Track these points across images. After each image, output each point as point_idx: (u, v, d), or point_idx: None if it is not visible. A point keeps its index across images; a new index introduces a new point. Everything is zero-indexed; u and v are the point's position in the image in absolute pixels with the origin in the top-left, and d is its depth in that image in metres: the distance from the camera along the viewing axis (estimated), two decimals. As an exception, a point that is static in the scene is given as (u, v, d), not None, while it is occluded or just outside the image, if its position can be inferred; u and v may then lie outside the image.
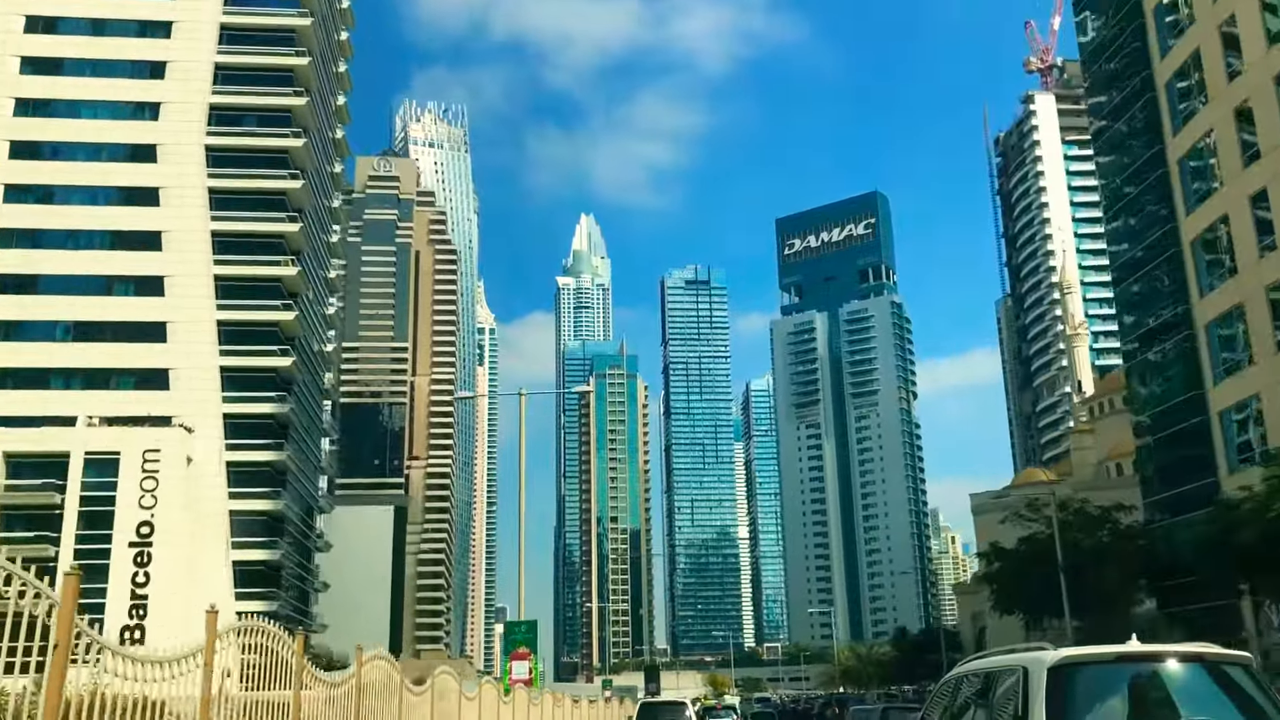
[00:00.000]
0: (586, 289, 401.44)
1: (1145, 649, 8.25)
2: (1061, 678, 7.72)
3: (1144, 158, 58.12)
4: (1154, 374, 58.25)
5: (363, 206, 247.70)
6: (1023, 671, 7.98)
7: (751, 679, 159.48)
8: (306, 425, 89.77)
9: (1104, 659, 8.07)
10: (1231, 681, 8.05)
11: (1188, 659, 8.21)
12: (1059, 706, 7.57)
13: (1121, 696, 7.80)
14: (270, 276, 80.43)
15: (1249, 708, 7.82)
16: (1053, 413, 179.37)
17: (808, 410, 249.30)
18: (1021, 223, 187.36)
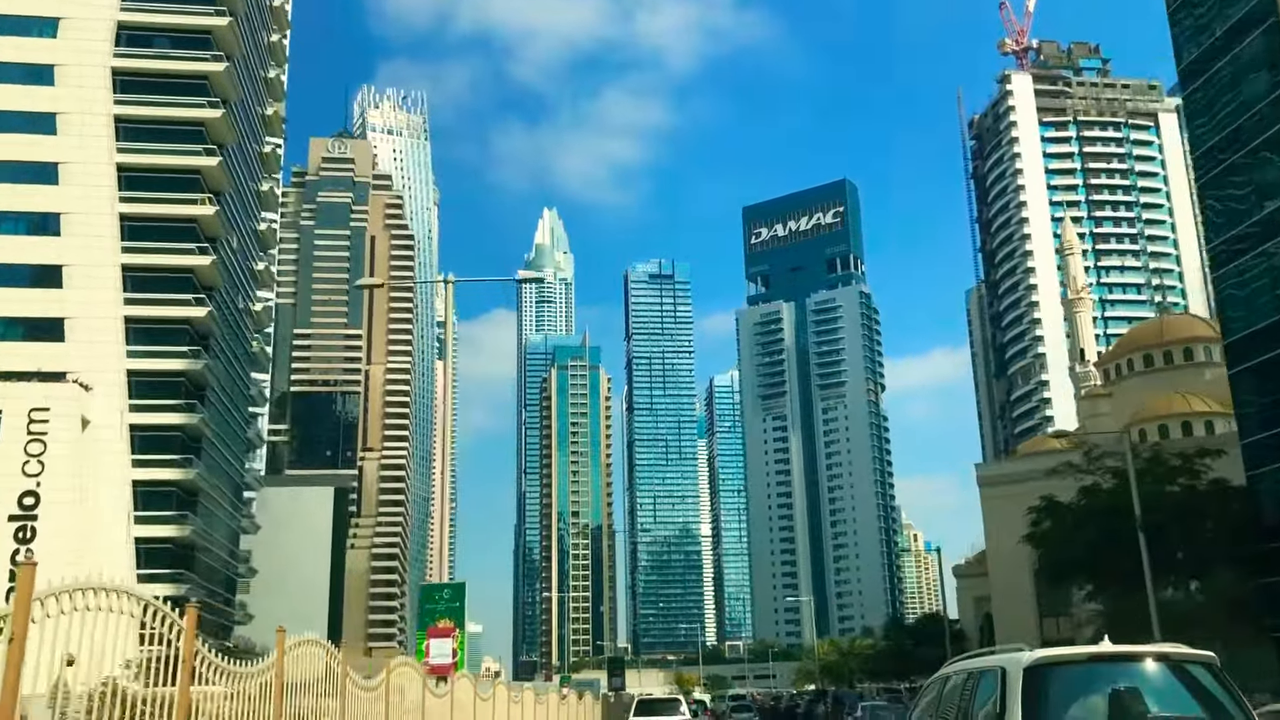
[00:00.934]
0: (549, 283, 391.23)
1: (1116, 649, 8.58)
2: (1037, 677, 8.01)
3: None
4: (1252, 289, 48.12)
5: (316, 189, 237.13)
6: (1001, 671, 8.29)
7: (717, 676, 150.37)
8: (230, 390, 79.29)
9: (1077, 659, 8.53)
10: (1198, 680, 8.31)
11: (1157, 659, 8.64)
12: (1034, 705, 7.84)
13: (1093, 695, 8.09)
14: (184, 217, 69.93)
15: (1213, 705, 8.07)
16: (1027, 401, 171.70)
17: (774, 402, 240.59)
18: (996, 206, 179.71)
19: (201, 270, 69.84)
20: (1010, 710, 7.92)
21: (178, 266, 68.93)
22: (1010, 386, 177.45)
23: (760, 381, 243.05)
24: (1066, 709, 8.14)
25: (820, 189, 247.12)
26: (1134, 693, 8.13)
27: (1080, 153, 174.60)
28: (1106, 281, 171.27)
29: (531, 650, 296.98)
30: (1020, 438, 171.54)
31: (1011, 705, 7.94)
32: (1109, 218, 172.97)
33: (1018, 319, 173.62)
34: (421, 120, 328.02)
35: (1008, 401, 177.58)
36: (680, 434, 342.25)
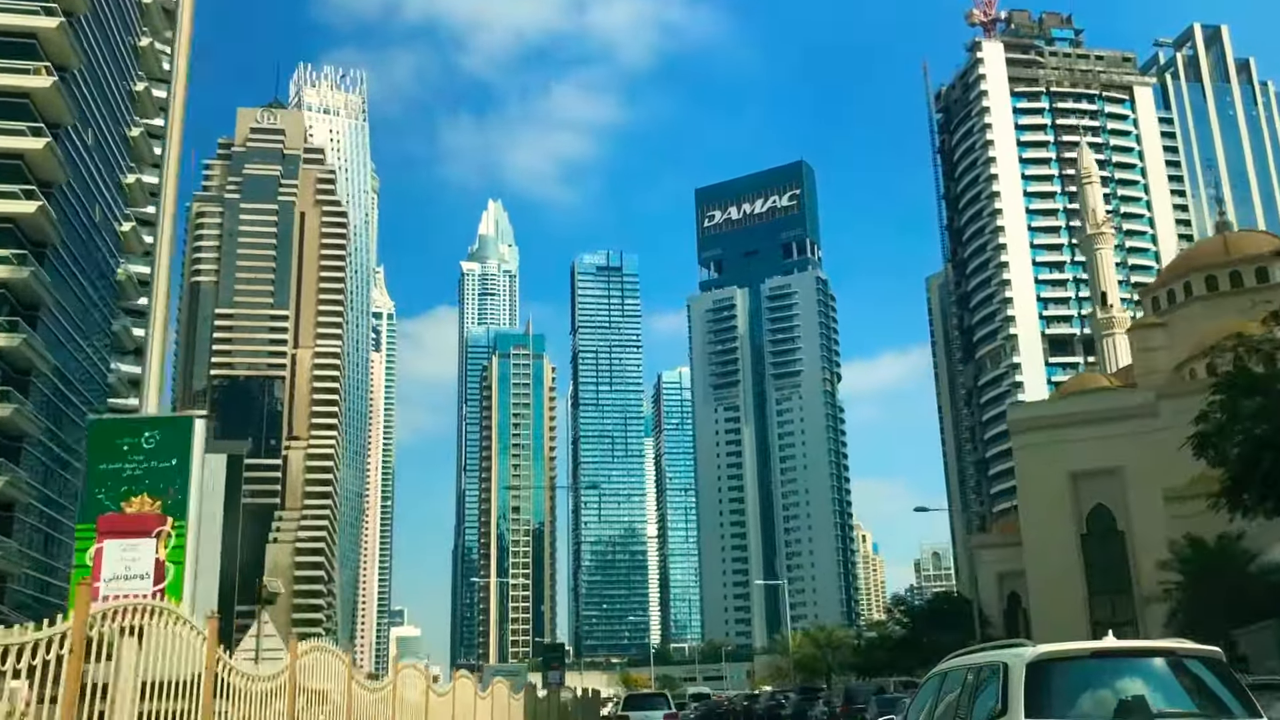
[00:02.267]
0: (492, 275, 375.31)
1: (1119, 645, 8.52)
2: (1039, 673, 7.90)
3: None
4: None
5: (242, 162, 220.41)
6: (1003, 667, 8.18)
7: (666, 677, 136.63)
8: (80, 317, 63.58)
9: (1079, 655, 8.31)
10: (1202, 675, 8.12)
11: (1160, 654, 8.59)
12: (1037, 700, 7.73)
13: (1097, 690, 7.93)
14: (11, 89, 54.56)
15: (1217, 701, 7.88)
16: (997, 385, 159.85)
17: (726, 392, 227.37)
18: (965, 180, 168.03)
19: (33, 155, 53.97)
20: (1013, 707, 7.80)
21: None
22: (978, 371, 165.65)
23: (712, 371, 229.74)
24: (1070, 706, 7.89)
25: (776, 170, 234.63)
26: (1137, 689, 7.96)
27: (1053, 124, 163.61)
28: (1080, 260, 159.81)
29: (470, 653, 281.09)
30: (989, 424, 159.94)
31: (1014, 702, 7.81)
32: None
33: (988, 299, 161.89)
34: (360, 100, 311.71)
35: (975, 387, 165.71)
36: (627, 431, 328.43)
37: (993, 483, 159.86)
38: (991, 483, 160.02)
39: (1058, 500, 45.16)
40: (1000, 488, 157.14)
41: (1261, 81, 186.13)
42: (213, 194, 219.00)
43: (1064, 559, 51.16)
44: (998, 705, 8.09)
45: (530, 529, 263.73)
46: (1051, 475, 46.96)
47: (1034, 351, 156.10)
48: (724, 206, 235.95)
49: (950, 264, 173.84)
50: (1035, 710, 7.75)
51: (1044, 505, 50.29)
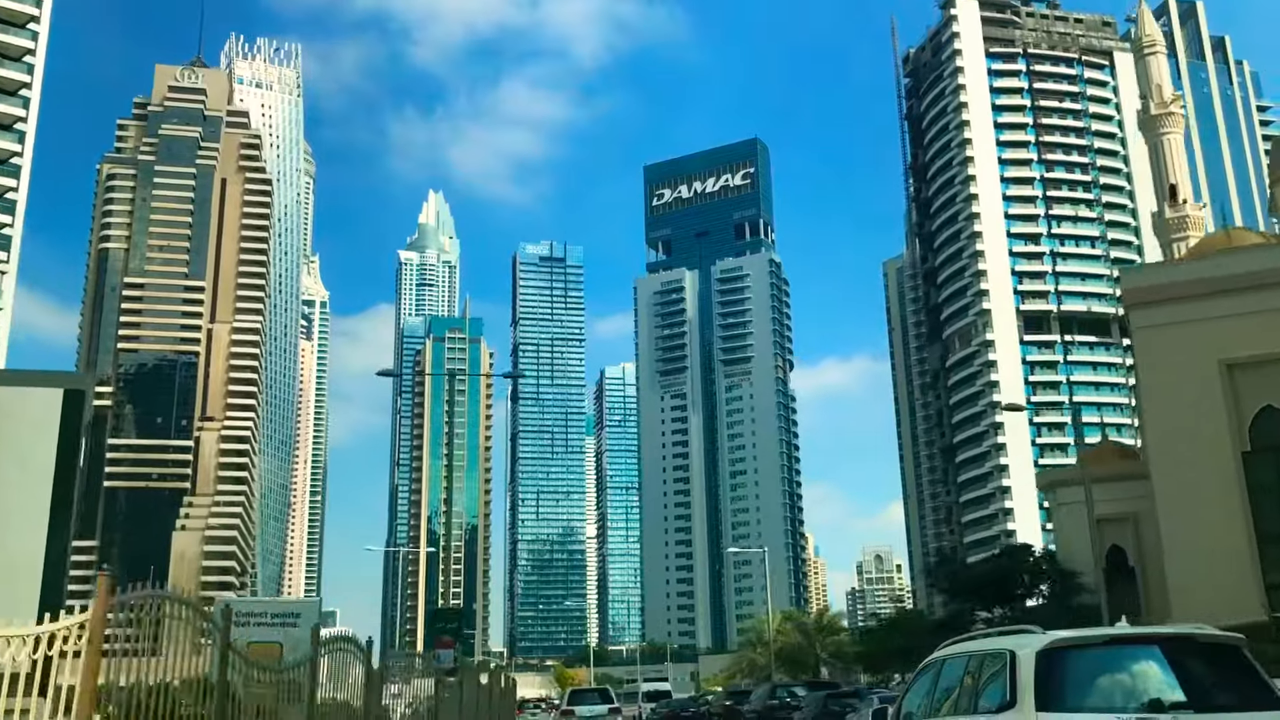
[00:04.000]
0: (431, 265, 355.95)
1: (1135, 631, 8.31)
2: (1052, 661, 7.45)
3: None
4: None
5: (159, 122, 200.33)
6: (1010, 655, 7.69)
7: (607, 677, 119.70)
8: None
9: (1094, 642, 7.84)
10: (1223, 662, 7.72)
11: (1179, 640, 8.01)
12: (1048, 690, 7.28)
13: (1112, 679, 7.47)
14: None
15: (1240, 688, 7.48)
16: (968, 365, 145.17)
17: (673, 379, 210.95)
18: (935, 148, 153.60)
19: None
20: (1023, 698, 7.33)
21: None
22: (945, 351, 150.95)
23: (659, 356, 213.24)
24: (1085, 698, 7.34)
25: (729, 147, 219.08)
26: (1154, 676, 7.49)
27: (1030, 89, 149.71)
28: (1058, 233, 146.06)
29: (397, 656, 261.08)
30: (959, 407, 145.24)
31: (1024, 693, 7.33)
32: (1061, 161, 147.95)
33: (957, 273, 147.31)
34: (295, 75, 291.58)
35: (942, 369, 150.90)
36: (568, 427, 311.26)
37: (961, 469, 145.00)
38: (960, 469, 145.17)
39: (1202, 403, 29.99)
40: (972, 474, 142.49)
41: (1237, 60, 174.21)
42: (126, 156, 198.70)
43: (1214, 489, 34.54)
44: (1006, 697, 7.53)
45: (463, 525, 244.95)
46: (1193, 367, 31.62)
47: (1008, 329, 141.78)
48: (674, 185, 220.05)
49: (916, 237, 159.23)
50: (1047, 703, 7.23)
51: (1180, 411, 34.44)
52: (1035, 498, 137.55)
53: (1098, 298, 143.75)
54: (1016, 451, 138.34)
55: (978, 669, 8.32)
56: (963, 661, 8.71)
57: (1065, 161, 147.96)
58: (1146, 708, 7.21)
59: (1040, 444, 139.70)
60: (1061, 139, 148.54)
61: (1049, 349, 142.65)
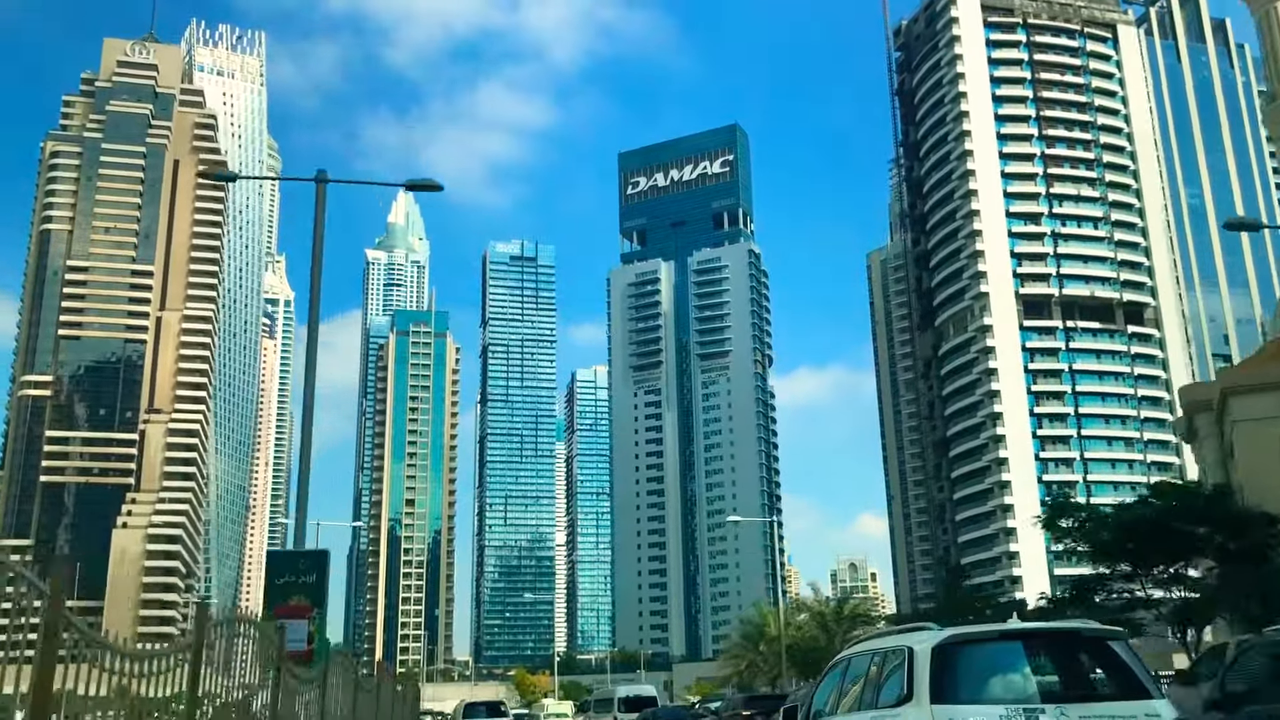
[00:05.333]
0: (400, 265, 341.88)
1: (1024, 627, 8.56)
2: (946, 656, 7.62)
3: None
4: None
5: (107, 97, 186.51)
6: (908, 652, 7.86)
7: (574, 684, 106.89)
8: None
9: (986, 637, 8.17)
10: (1106, 654, 7.96)
11: (1066, 634, 8.54)
12: (943, 684, 7.45)
13: (1005, 674, 7.66)
14: None
15: (1120, 676, 7.74)
16: (962, 353, 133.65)
17: (647, 374, 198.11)
18: (928, 123, 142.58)
19: None
20: (919, 692, 7.53)
21: None
22: (938, 339, 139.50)
23: (632, 351, 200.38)
24: (978, 691, 7.57)
25: (708, 134, 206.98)
26: (1043, 669, 7.84)
27: (1030, 60, 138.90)
28: (1059, 213, 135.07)
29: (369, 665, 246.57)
30: (953, 397, 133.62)
31: (919, 687, 7.54)
32: (1062, 138, 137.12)
33: (953, 255, 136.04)
34: (259, 63, 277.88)
35: (934, 357, 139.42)
36: (538, 430, 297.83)
37: (956, 464, 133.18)
38: (954, 464, 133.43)
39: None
40: (967, 468, 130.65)
41: (1239, 44, 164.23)
42: (72, 134, 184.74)
43: None
44: (903, 692, 7.73)
45: (427, 528, 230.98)
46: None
47: (1007, 314, 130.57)
48: (650, 173, 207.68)
49: (908, 218, 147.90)
50: (941, 696, 7.42)
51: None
52: (1037, 493, 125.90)
53: (1101, 281, 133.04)
54: (1016, 444, 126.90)
55: (880, 665, 8.43)
56: (866, 658, 8.85)
57: (1067, 138, 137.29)
58: (1033, 699, 7.39)
59: (1041, 436, 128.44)
60: (1063, 114, 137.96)
61: (1050, 335, 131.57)
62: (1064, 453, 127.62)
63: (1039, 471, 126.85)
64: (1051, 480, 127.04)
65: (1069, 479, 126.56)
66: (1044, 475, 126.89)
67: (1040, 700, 7.39)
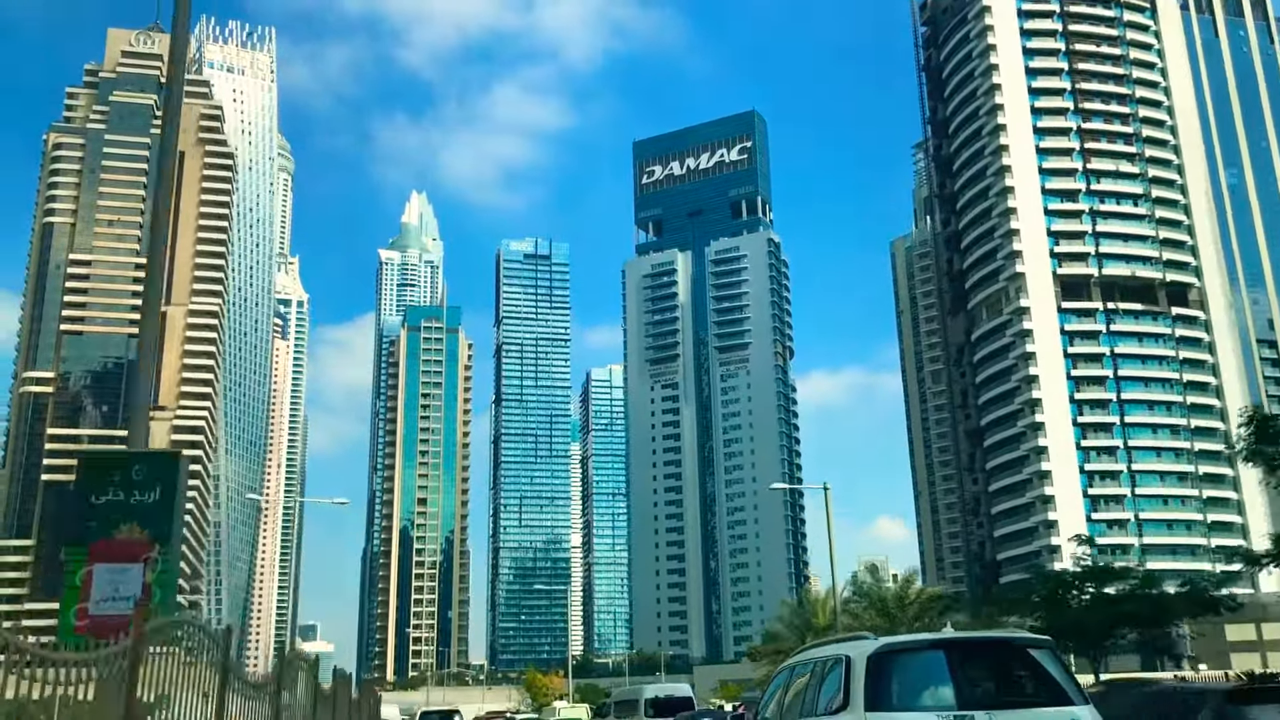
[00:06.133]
0: (413, 265, 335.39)
1: (957, 636, 8.62)
2: (881, 664, 7.80)
3: None
4: None
5: (111, 88, 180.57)
6: (845, 660, 8.08)
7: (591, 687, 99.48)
8: None
9: (920, 646, 8.30)
10: (1035, 661, 8.18)
11: (997, 644, 8.68)
12: (877, 692, 7.65)
13: (938, 682, 7.77)
14: None
15: (1047, 683, 7.96)
16: (998, 336, 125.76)
17: (664, 368, 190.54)
18: (958, 99, 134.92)
19: None
20: (854, 699, 7.71)
21: None
22: (970, 324, 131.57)
23: (649, 344, 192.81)
24: (911, 698, 7.78)
25: (724, 121, 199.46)
26: (974, 675, 7.95)
27: (1064, 31, 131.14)
28: (1097, 190, 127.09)
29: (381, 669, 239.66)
30: (989, 384, 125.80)
31: (855, 693, 7.72)
32: (1099, 111, 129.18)
33: (985, 235, 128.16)
34: (269, 59, 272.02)
35: (967, 342, 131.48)
36: (552, 430, 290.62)
37: (991, 454, 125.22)
38: (989, 454, 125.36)
39: None
40: (1004, 458, 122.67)
41: (1278, 18, 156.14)
42: (75, 126, 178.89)
43: None
44: (840, 699, 7.90)
45: (440, 529, 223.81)
46: None
47: (1044, 295, 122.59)
48: (665, 161, 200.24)
49: (937, 199, 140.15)
50: (876, 703, 7.58)
51: None
52: (1079, 482, 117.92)
53: (1142, 261, 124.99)
54: (1056, 431, 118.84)
55: (820, 673, 8.61)
56: (809, 666, 9.03)
57: (1104, 111, 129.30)
58: (964, 705, 7.52)
59: (1082, 423, 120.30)
60: (1099, 87, 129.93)
61: (1090, 318, 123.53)
62: (1107, 440, 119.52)
63: (1080, 460, 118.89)
64: (1093, 469, 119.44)
65: (1113, 468, 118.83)
66: (1086, 464, 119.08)
67: (970, 707, 7.51)
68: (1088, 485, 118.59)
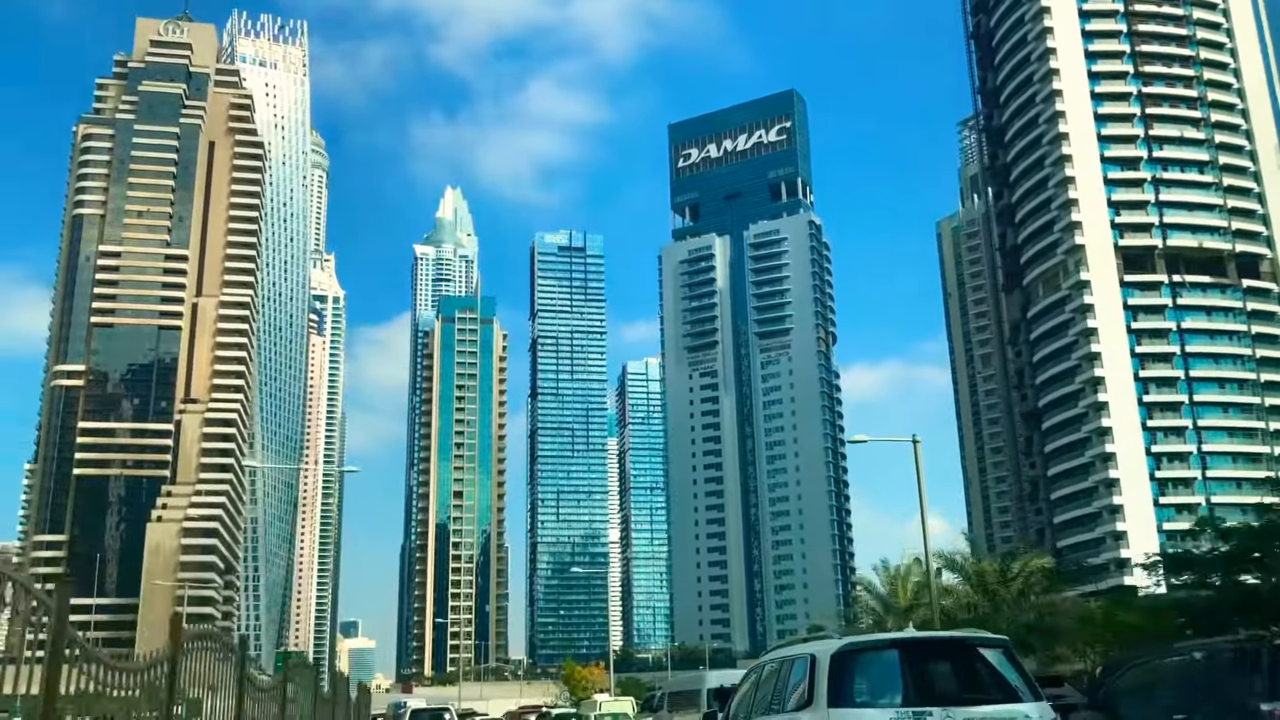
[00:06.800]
0: (448, 260, 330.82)
1: (918, 635, 9.02)
2: (844, 663, 8.05)
3: None
4: None
5: (139, 78, 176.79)
6: (811, 658, 8.32)
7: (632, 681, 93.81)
8: None
9: (881, 645, 8.62)
10: (990, 660, 8.40)
11: (955, 643, 8.90)
12: (840, 689, 7.88)
13: (896, 676, 8.02)
14: None
15: (1004, 684, 8.17)
16: (1056, 312, 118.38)
17: (703, 355, 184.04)
18: (1010, 65, 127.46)
19: None
20: (818, 697, 7.92)
21: None
22: (1026, 301, 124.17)
23: (686, 331, 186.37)
24: (872, 695, 8.00)
25: (762, 101, 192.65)
26: (932, 673, 8.21)
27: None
28: (1160, 156, 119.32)
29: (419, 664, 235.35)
30: (1047, 363, 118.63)
31: (819, 690, 7.93)
32: (1161, 75, 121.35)
33: (1043, 205, 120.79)
34: (301, 53, 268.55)
35: (1023, 320, 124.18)
36: (589, 424, 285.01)
37: (1049, 436, 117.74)
38: (1047, 437, 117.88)
39: None
40: (1063, 440, 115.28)
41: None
42: (104, 117, 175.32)
43: None
44: (805, 697, 8.10)
45: (476, 522, 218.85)
46: None
47: (1105, 268, 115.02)
48: (702, 144, 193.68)
49: (989, 170, 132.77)
50: (839, 700, 7.78)
51: None
52: (1145, 465, 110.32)
53: (1209, 231, 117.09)
54: (1119, 412, 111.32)
55: (788, 671, 8.77)
56: (778, 665, 9.21)
57: (1166, 75, 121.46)
58: (922, 702, 7.74)
59: (1148, 402, 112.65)
60: (1161, 49, 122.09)
61: (1154, 291, 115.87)
62: (1174, 420, 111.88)
63: (1146, 442, 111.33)
64: (1161, 451, 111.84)
65: (1181, 449, 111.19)
66: (1152, 446, 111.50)
67: (928, 703, 7.71)
68: (1155, 468, 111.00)
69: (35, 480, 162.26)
